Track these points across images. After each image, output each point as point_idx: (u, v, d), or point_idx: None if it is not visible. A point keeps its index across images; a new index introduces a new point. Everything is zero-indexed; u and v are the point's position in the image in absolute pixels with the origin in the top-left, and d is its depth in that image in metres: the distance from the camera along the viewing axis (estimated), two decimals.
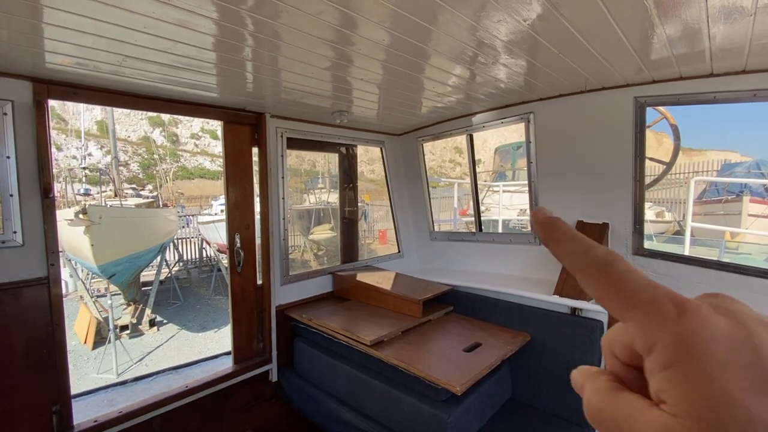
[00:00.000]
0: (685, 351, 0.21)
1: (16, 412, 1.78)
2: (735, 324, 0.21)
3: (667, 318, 0.22)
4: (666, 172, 3.63)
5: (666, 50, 1.77)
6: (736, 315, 0.22)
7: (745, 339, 0.21)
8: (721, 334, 0.21)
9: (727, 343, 0.21)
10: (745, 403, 0.19)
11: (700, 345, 0.21)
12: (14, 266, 1.77)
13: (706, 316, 0.22)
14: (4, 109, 1.72)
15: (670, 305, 0.22)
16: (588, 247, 0.27)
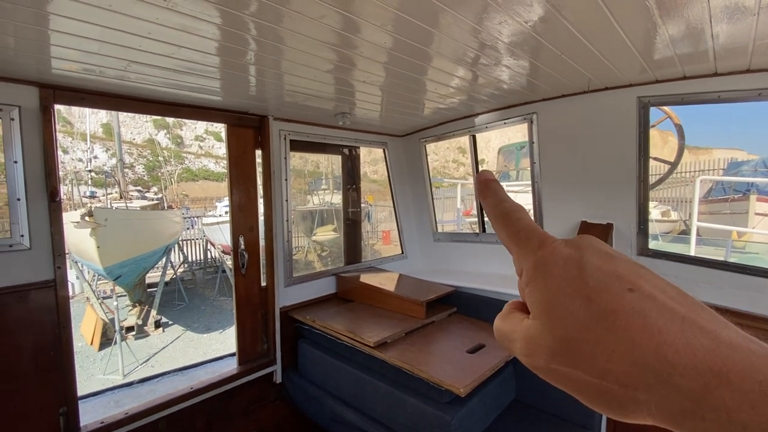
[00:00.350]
0: (537, 271, 0.27)
1: (24, 414, 1.80)
2: (574, 251, 0.27)
3: (532, 249, 0.28)
4: (671, 171, 3.61)
5: (669, 50, 1.76)
6: (579, 246, 0.27)
7: (577, 261, 0.26)
8: (562, 258, 0.27)
9: (564, 263, 0.26)
10: (566, 303, 0.25)
11: (545, 266, 0.27)
12: (21, 269, 1.79)
13: (555, 246, 0.28)
14: (12, 114, 1.75)
15: (536, 240, 0.29)
16: (500, 200, 0.33)
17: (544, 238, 0.29)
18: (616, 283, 0.24)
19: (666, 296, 0.23)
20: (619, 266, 0.25)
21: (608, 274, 0.25)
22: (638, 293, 0.23)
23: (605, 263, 0.25)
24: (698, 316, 0.22)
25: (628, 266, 0.25)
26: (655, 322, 0.22)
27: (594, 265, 0.25)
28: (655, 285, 0.24)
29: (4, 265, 1.75)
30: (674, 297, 0.23)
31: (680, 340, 0.21)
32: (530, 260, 0.28)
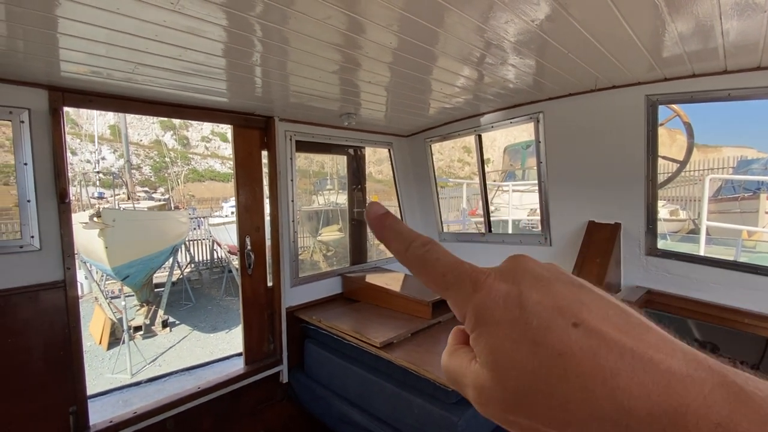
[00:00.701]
0: (478, 318, 0.26)
1: (34, 413, 1.82)
2: (511, 287, 0.25)
3: (467, 294, 0.27)
4: (680, 170, 3.57)
5: (678, 48, 1.74)
6: (515, 277, 0.26)
7: (516, 298, 0.25)
8: (500, 297, 0.25)
9: (503, 304, 0.25)
10: (512, 352, 0.23)
11: (486, 310, 0.25)
12: (32, 270, 1.81)
13: (491, 285, 0.26)
14: (21, 116, 1.77)
15: (468, 283, 0.27)
16: (409, 242, 0.30)
17: (474, 277, 0.27)
18: (559, 319, 0.23)
19: (611, 326, 0.22)
20: (558, 295, 0.24)
21: (550, 309, 0.23)
22: (583, 328, 0.22)
23: (545, 295, 0.24)
24: (646, 344, 0.21)
25: (568, 292, 0.24)
26: (605, 363, 0.21)
27: (534, 300, 0.24)
28: (598, 312, 0.23)
29: (14, 266, 1.77)
30: (619, 324, 0.22)
31: (633, 381, 0.20)
32: (469, 307, 0.26)
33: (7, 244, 1.77)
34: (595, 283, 0.38)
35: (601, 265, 2.35)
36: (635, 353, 0.21)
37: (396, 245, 0.31)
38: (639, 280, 2.48)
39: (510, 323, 0.24)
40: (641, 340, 0.21)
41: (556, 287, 0.25)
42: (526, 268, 0.26)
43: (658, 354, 0.20)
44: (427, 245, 0.30)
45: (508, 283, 0.25)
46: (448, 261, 0.29)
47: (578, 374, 0.21)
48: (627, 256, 2.51)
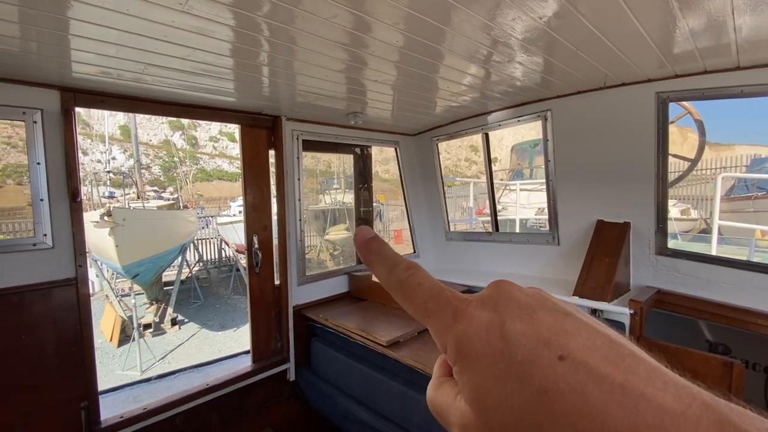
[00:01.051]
0: (459, 350, 0.25)
1: (47, 408, 1.86)
2: (493, 316, 0.24)
3: (448, 323, 0.26)
4: (691, 168, 3.52)
5: (689, 44, 1.71)
6: (497, 305, 0.25)
7: (498, 329, 0.24)
8: (482, 328, 0.24)
9: (485, 335, 0.24)
10: (497, 390, 0.22)
11: (468, 343, 0.24)
12: (45, 267, 1.85)
13: (472, 315, 0.25)
14: (34, 117, 1.80)
15: (449, 311, 0.26)
16: (392, 266, 0.30)
17: (456, 305, 0.26)
18: (544, 351, 0.22)
19: (599, 357, 0.21)
20: (543, 324, 0.23)
21: (535, 340, 0.22)
22: (570, 361, 0.21)
23: (529, 325, 0.23)
24: (637, 377, 0.20)
25: (553, 320, 0.23)
26: (594, 400, 0.19)
27: (518, 331, 0.23)
28: (585, 343, 0.22)
29: (28, 264, 1.81)
30: (608, 355, 0.21)
31: (624, 420, 0.19)
32: (450, 338, 0.25)
33: (21, 242, 1.80)
34: (605, 282, 0.37)
35: (610, 264, 2.33)
36: (625, 388, 0.19)
37: (379, 268, 0.30)
38: (649, 280, 2.45)
39: (493, 357, 0.23)
40: (632, 373, 0.20)
41: (540, 315, 0.24)
42: (509, 296, 0.25)
43: (650, 388, 0.19)
44: (410, 270, 0.29)
45: (490, 312, 0.24)
46: (429, 287, 0.28)
47: (565, 413, 0.20)
48: (636, 255, 2.48)
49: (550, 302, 0.25)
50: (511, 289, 0.26)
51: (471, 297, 0.26)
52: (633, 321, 2.15)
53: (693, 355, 2.00)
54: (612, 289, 2.24)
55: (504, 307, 0.25)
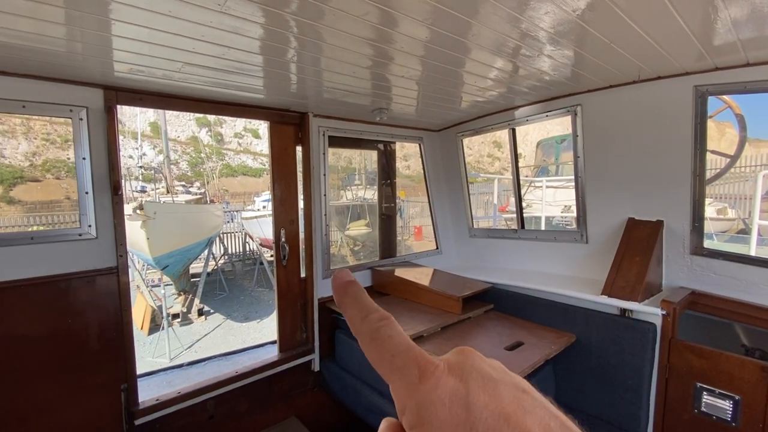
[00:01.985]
0: (420, 414, 0.24)
1: (91, 388, 1.98)
2: (459, 384, 0.24)
3: (412, 383, 0.25)
4: (730, 165, 3.36)
5: (731, 35, 1.64)
6: (463, 373, 0.25)
7: (463, 398, 0.23)
8: (447, 395, 0.24)
9: (450, 403, 0.23)
10: None
11: (430, 408, 0.23)
12: (89, 256, 1.96)
13: (438, 378, 0.24)
14: (80, 114, 1.91)
15: (415, 370, 0.25)
16: (365, 314, 0.29)
17: (424, 365, 0.25)
18: (505, 427, 0.22)
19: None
20: (504, 400, 0.23)
21: (496, 415, 0.22)
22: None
23: (492, 398, 0.23)
24: None
25: (512, 397, 0.24)
26: None
27: (481, 404, 0.23)
28: (540, 422, 0.22)
29: (75, 253, 1.92)
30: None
31: None
32: (412, 398, 0.24)
33: (69, 233, 1.92)
34: (635, 282, 0.37)
35: (641, 263, 2.27)
36: None
37: (353, 313, 0.29)
38: (683, 281, 2.37)
39: (454, 427, 0.23)
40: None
41: (501, 390, 0.24)
42: (474, 365, 0.25)
43: None
44: (384, 320, 0.28)
45: (457, 380, 0.24)
46: (399, 342, 0.27)
47: None
48: (670, 255, 2.40)
49: (509, 377, 0.25)
50: (476, 358, 0.26)
51: (438, 361, 0.26)
52: (665, 322, 2.09)
53: (728, 359, 1.93)
54: (643, 289, 2.18)
55: (469, 376, 0.24)
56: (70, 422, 1.93)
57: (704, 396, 1.99)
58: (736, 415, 1.89)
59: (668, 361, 2.10)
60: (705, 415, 1.99)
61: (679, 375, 2.08)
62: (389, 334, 0.27)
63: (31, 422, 1.84)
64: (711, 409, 1.97)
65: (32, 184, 18.75)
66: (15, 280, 1.79)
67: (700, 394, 2.00)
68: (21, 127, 19.56)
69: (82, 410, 1.96)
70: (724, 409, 1.93)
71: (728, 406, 1.92)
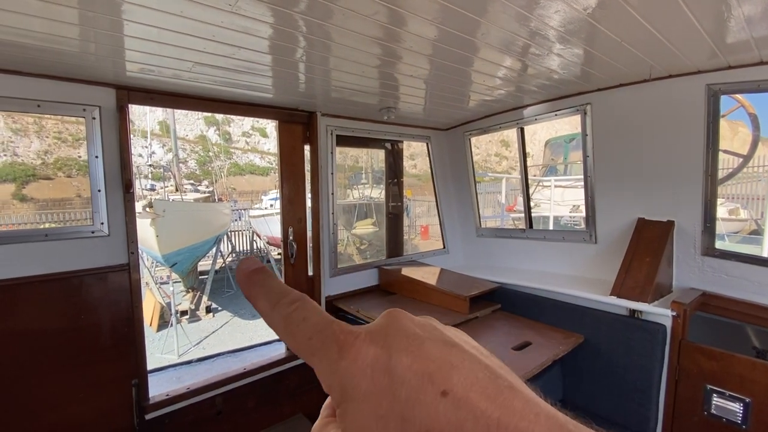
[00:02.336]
0: (344, 391, 0.23)
1: (103, 382, 2.01)
2: (380, 351, 0.23)
3: (332, 361, 0.23)
4: (743, 165, 3.31)
5: (744, 32, 1.62)
6: (386, 338, 0.23)
7: (385, 364, 0.22)
8: (368, 364, 0.22)
9: (372, 372, 0.22)
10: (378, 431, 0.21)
11: (352, 382, 0.23)
12: (102, 253, 1.99)
13: (358, 350, 0.23)
14: (93, 113, 1.94)
15: (334, 347, 0.24)
16: (276, 300, 0.27)
17: (342, 339, 0.24)
18: (428, 386, 0.21)
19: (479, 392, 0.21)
20: (429, 357, 0.22)
21: (420, 374, 0.21)
22: (452, 397, 0.20)
23: (415, 359, 0.22)
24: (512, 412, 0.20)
25: (439, 352, 0.22)
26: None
27: (404, 366, 0.22)
28: (468, 377, 0.21)
29: (87, 249, 1.96)
30: (487, 390, 0.21)
31: None
32: (334, 378, 0.23)
33: (81, 230, 1.95)
34: (645, 282, 0.34)
35: (651, 264, 2.24)
36: (500, 424, 0.20)
37: (262, 303, 0.27)
38: (694, 282, 2.34)
39: (377, 395, 0.22)
40: (507, 407, 0.20)
41: (427, 348, 0.23)
42: (399, 327, 0.24)
43: (522, 422, 0.20)
44: (295, 303, 0.26)
45: (378, 347, 0.23)
46: (315, 321, 0.25)
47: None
48: (680, 256, 2.37)
49: (438, 332, 0.24)
50: (402, 319, 0.25)
51: (360, 329, 0.25)
52: (675, 323, 2.07)
53: (739, 361, 1.91)
54: (653, 289, 2.16)
55: (393, 339, 0.23)
56: (82, 416, 1.96)
57: (714, 398, 1.97)
58: (747, 417, 1.87)
59: (678, 363, 2.08)
60: (715, 417, 1.97)
61: (689, 377, 2.05)
62: (303, 317, 0.26)
63: (44, 416, 1.87)
64: (721, 411, 1.95)
65: (44, 181, 19.05)
66: (29, 276, 1.82)
67: (710, 396, 1.98)
68: (33, 125, 19.88)
69: (94, 404, 1.99)
70: (735, 411, 1.90)
71: (739, 409, 1.89)
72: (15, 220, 14.77)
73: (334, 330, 0.24)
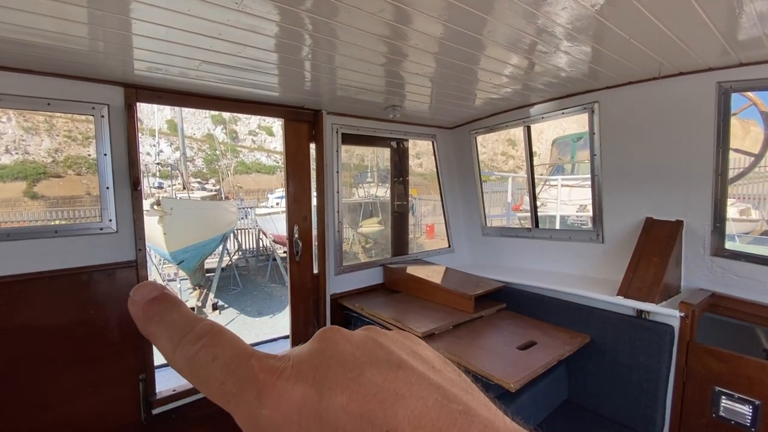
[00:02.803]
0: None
1: (111, 377, 2.04)
2: (309, 390, 0.19)
3: (250, 408, 0.20)
4: (755, 164, 3.25)
5: (757, 29, 1.59)
6: (317, 370, 0.20)
7: (313, 409, 0.19)
8: (293, 410, 0.19)
9: (299, 419, 0.19)
10: None
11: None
12: (110, 250, 2.02)
13: (281, 391, 0.19)
14: (102, 112, 1.96)
15: (253, 391, 0.20)
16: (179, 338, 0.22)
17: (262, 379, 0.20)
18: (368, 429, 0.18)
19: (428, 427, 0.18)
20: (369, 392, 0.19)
21: (358, 416, 0.18)
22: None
23: (352, 396, 0.19)
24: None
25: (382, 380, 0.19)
26: None
27: (338, 407, 0.18)
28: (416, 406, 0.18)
29: (96, 246, 1.98)
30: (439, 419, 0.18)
31: None
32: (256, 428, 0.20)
33: (90, 227, 1.98)
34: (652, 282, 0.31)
35: (659, 264, 2.22)
36: None
37: (163, 343, 0.23)
38: (702, 282, 2.31)
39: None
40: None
41: (367, 377, 0.19)
42: (333, 352, 0.21)
43: None
44: (202, 339, 0.22)
45: (306, 385, 0.19)
46: (227, 360, 0.21)
47: None
48: (689, 256, 2.34)
49: (383, 350, 0.21)
50: (336, 341, 0.22)
51: (286, 362, 0.21)
52: (683, 324, 2.04)
53: (749, 363, 1.88)
54: (660, 290, 2.13)
55: (324, 371, 0.20)
56: (91, 410, 1.99)
57: (723, 400, 1.94)
58: (756, 420, 1.84)
59: (686, 364, 2.05)
60: (723, 419, 1.94)
61: (697, 378, 2.03)
62: (213, 356, 0.21)
63: (53, 410, 1.90)
64: (729, 413, 1.92)
65: (54, 179, 19.31)
66: (39, 272, 1.85)
67: (718, 398, 1.96)
68: (44, 124, 20.16)
69: (102, 399, 2.02)
70: (743, 414, 1.88)
71: (747, 411, 1.87)
72: (26, 217, 15.01)
73: (253, 368, 0.20)
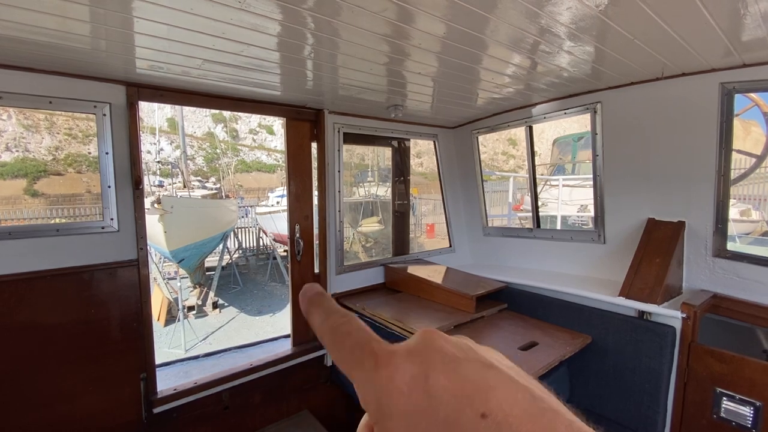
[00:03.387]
0: (380, 408, 0.23)
1: (112, 376, 2.04)
2: (418, 369, 0.23)
3: (368, 374, 0.24)
4: (756, 165, 3.25)
5: (761, 30, 1.58)
6: (423, 357, 0.23)
7: (422, 384, 0.22)
8: (405, 383, 0.22)
9: (409, 391, 0.22)
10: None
11: (389, 399, 0.22)
12: (111, 249, 2.02)
13: (395, 366, 0.23)
14: (104, 110, 1.96)
15: (370, 360, 0.24)
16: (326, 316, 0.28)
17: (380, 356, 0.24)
18: (467, 409, 0.21)
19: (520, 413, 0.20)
20: (467, 379, 0.22)
21: (458, 396, 0.21)
22: (491, 420, 0.20)
23: (453, 379, 0.22)
24: None
25: (476, 374, 0.22)
26: None
27: (442, 386, 0.22)
28: (507, 399, 0.21)
29: (97, 245, 1.98)
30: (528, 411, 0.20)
31: None
32: (370, 392, 0.24)
33: (92, 225, 1.97)
34: (654, 283, 0.34)
35: (660, 265, 2.22)
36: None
37: (316, 316, 0.29)
38: (704, 283, 2.31)
39: (415, 416, 0.22)
40: (551, 430, 0.20)
41: (465, 369, 0.23)
42: (436, 347, 0.24)
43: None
44: (345, 318, 0.28)
45: (416, 365, 0.23)
46: (359, 337, 0.26)
47: None
48: (691, 257, 2.34)
49: (474, 354, 0.24)
50: (438, 339, 0.25)
51: (398, 347, 0.25)
52: (685, 325, 2.04)
53: (750, 364, 1.88)
54: (662, 291, 2.13)
55: (430, 359, 0.23)
56: (92, 409, 1.99)
57: (724, 402, 1.94)
58: (757, 422, 1.84)
59: (687, 365, 2.05)
60: (724, 421, 1.94)
61: (698, 380, 2.03)
62: (348, 331, 0.27)
63: (54, 408, 1.91)
64: (731, 415, 1.92)
65: (55, 177, 19.31)
66: (41, 271, 1.85)
67: (719, 399, 1.96)
68: (44, 122, 20.15)
69: (103, 397, 2.02)
70: (745, 415, 1.88)
71: (749, 413, 1.87)
72: (26, 215, 15.02)
73: (374, 347, 0.25)
